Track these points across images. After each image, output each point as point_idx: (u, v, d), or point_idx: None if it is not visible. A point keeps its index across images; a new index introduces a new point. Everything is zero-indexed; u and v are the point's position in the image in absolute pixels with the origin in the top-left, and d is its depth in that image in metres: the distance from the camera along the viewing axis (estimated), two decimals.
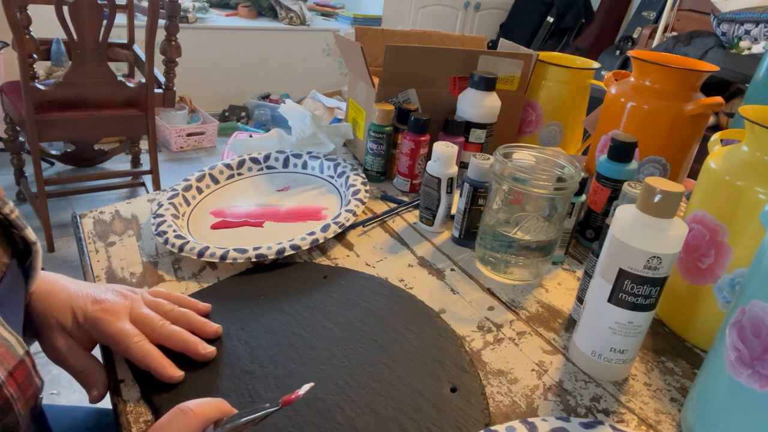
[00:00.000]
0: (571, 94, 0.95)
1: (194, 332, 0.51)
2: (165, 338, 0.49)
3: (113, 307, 0.49)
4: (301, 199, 0.80)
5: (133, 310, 0.50)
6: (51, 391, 1.51)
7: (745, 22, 2.25)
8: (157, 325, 0.49)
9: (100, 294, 0.50)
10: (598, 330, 0.52)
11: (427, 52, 0.86)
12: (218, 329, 0.53)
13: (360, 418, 0.46)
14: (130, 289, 0.53)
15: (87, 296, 0.49)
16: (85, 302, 0.49)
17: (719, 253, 0.54)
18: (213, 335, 0.52)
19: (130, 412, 0.46)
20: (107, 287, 0.52)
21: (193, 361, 0.50)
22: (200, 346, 0.50)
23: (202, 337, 0.51)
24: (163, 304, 0.52)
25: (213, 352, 0.50)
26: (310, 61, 3.66)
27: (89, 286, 0.51)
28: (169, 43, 1.98)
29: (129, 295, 0.51)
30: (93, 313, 0.48)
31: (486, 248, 0.68)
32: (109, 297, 0.50)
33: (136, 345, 0.47)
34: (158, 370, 0.47)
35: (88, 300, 0.49)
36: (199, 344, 0.50)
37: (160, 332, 0.49)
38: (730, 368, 0.43)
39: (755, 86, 1.11)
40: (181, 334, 0.50)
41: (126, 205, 0.77)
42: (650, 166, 0.79)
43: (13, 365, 0.38)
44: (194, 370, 0.49)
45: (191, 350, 0.49)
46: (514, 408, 0.49)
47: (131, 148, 2.61)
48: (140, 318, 0.50)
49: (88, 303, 0.49)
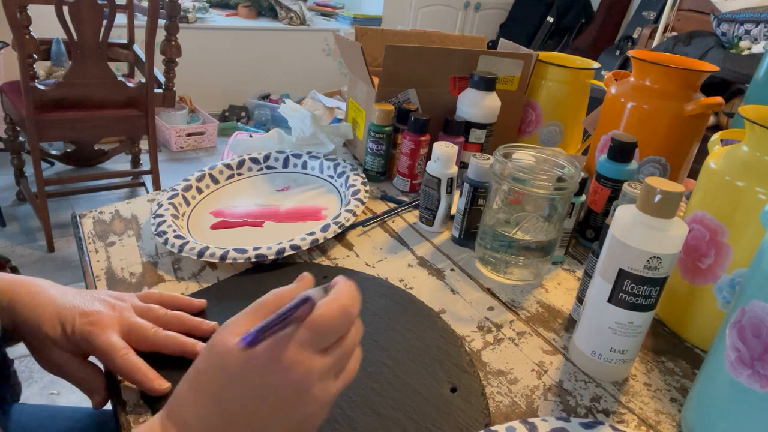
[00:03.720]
0: (571, 94, 0.95)
1: (190, 333, 0.51)
2: (159, 345, 0.48)
3: (101, 319, 0.47)
4: (301, 199, 0.80)
5: (122, 321, 0.48)
6: (51, 391, 1.51)
7: (745, 22, 2.25)
8: (149, 333, 0.48)
9: (88, 305, 0.48)
10: (598, 330, 0.52)
11: (427, 52, 0.86)
12: (214, 326, 0.52)
13: (360, 418, 0.46)
14: (119, 297, 0.51)
15: (74, 308, 0.48)
16: (73, 315, 0.47)
17: (719, 253, 0.54)
18: (209, 333, 0.51)
19: (130, 412, 0.46)
20: (95, 296, 0.50)
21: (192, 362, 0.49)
22: (198, 347, 0.49)
23: (199, 336, 0.51)
24: (155, 309, 0.51)
25: None
26: (310, 61, 3.66)
27: (77, 296, 0.50)
28: (169, 43, 1.98)
29: (118, 305, 0.50)
30: (81, 326, 0.47)
31: (486, 248, 0.68)
32: (97, 308, 0.48)
33: (122, 359, 0.46)
34: (144, 383, 0.46)
35: (76, 312, 0.47)
36: (196, 345, 0.49)
37: (153, 340, 0.48)
38: (730, 368, 0.43)
39: (755, 86, 1.11)
40: (175, 338, 0.49)
41: (126, 205, 0.77)
42: (650, 166, 0.79)
43: None
44: (185, 365, 0.48)
45: (188, 352, 0.48)
46: (514, 408, 0.49)
47: (131, 148, 2.61)
48: (131, 328, 0.48)
49: (76, 316, 0.47)
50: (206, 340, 0.50)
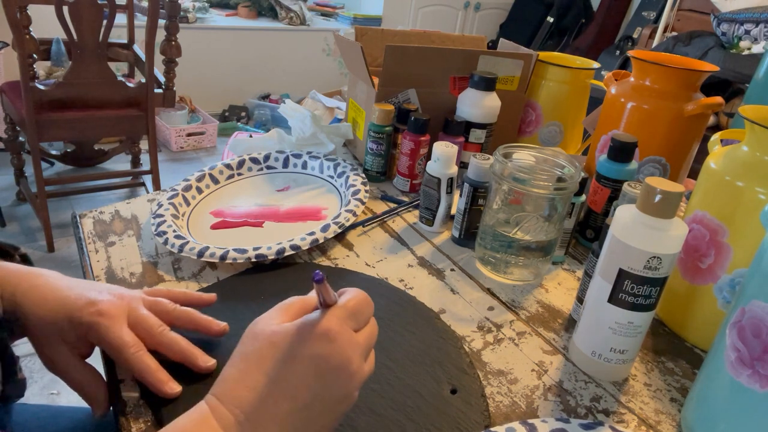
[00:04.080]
0: (571, 94, 0.95)
1: (199, 330, 0.50)
2: (163, 346, 0.47)
3: (110, 309, 0.46)
4: (301, 199, 0.80)
5: (131, 312, 0.47)
6: (51, 391, 1.51)
7: (745, 22, 2.25)
8: (156, 331, 0.47)
9: (95, 294, 0.47)
10: (598, 330, 0.52)
11: (427, 52, 0.86)
12: (225, 327, 0.50)
13: (359, 418, 0.46)
14: (128, 290, 0.50)
15: (81, 298, 0.47)
16: (79, 304, 0.46)
17: (719, 253, 0.54)
18: (220, 333, 0.50)
19: (130, 413, 0.46)
20: (103, 287, 0.49)
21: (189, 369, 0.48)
22: (200, 360, 0.47)
23: (209, 335, 0.50)
24: (164, 303, 0.50)
25: (213, 365, 0.48)
26: (310, 61, 3.66)
27: (82, 285, 0.48)
28: (169, 43, 1.98)
29: (126, 295, 0.48)
30: (89, 317, 0.45)
31: (486, 248, 0.68)
32: (104, 297, 0.47)
33: (134, 357, 0.45)
34: (155, 385, 0.45)
35: (82, 302, 0.46)
36: (199, 357, 0.47)
37: (158, 339, 0.47)
38: (731, 368, 0.43)
39: (755, 86, 1.11)
40: (180, 344, 0.47)
41: (126, 205, 0.77)
42: (650, 166, 0.79)
43: None
44: (196, 374, 0.48)
45: (190, 362, 0.47)
46: (514, 408, 0.49)
47: (131, 148, 2.61)
48: (138, 320, 0.47)
49: (83, 306, 0.46)
50: (214, 341, 0.50)
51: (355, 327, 0.40)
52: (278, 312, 0.41)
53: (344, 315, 0.39)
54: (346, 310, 0.39)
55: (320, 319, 0.38)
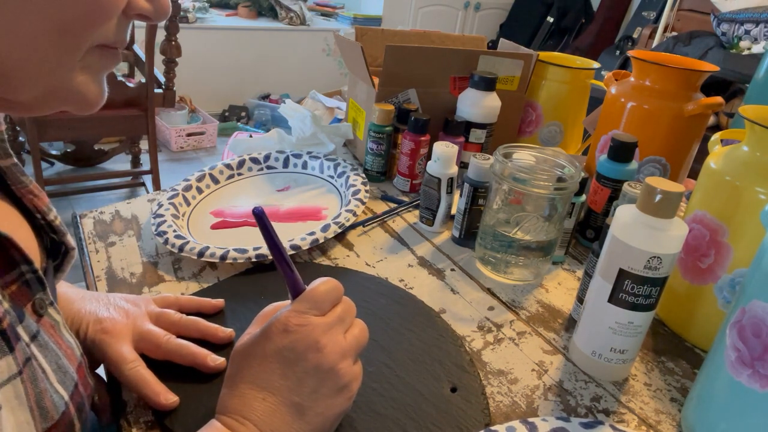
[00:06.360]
0: (571, 94, 0.95)
1: (206, 338, 0.50)
2: (172, 354, 0.48)
3: (114, 327, 0.47)
4: (301, 199, 0.80)
5: (135, 329, 0.48)
6: None
7: (745, 22, 2.25)
8: (162, 342, 0.48)
9: (103, 311, 0.48)
10: (598, 330, 0.52)
11: (427, 52, 0.86)
12: (231, 334, 0.52)
13: (360, 417, 0.46)
14: (135, 302, 0.51)
15: (90, 314, 0.48)
16: (87, 321, 0.47)
17: (719, 253, 0.54)
18: (226, 340, 0.51)
19: (130, 413, 0.46)
20: (111, 300, 0.50)
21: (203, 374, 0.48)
22: (209, 359, 0.48)
23: (215, 342, 0.51)
24: (170, 314, 0.51)
25: (223, 363, 0.48)
26: (310, 61, 3.65)
27: (93, 301, 0.49)
28: (169, 43, 1.98)
29: (132, 311, 0.49)
30: (93, 334, 0.46)
31: (486, 248, 0.68)
32: (111, 315, 0.48)
33: (130, 371, 0.45)
34: (150, 398, 0.45)
35: (90, 319, 0.47)
36: (208, 357, 0.48)
37: (165, 348, 0.48)
38: (731, 368, 0.43)
39: (755, 86, 1.11)
40: (188, 347, 0.48)
41: (126, 205, 0.77)
42: (650, 166, 0.79)
43: (77, 365, 0.38)
44: (201, 374, 0.48)
45: (200, 364, 0.48)
46: (514, 408, 0.49)
47: (131, 148, 2.61)
48: (144, 335, 0.48)
49: (90, 322, 0.47)
50: (222, 347, 0.51)
51: (320, 312, 0.41)
52: (253, 324, 0.44)
53: (305, 306, 0.41)
54: (308, 302, 0.41)
55: (278, 315, 0.41)
